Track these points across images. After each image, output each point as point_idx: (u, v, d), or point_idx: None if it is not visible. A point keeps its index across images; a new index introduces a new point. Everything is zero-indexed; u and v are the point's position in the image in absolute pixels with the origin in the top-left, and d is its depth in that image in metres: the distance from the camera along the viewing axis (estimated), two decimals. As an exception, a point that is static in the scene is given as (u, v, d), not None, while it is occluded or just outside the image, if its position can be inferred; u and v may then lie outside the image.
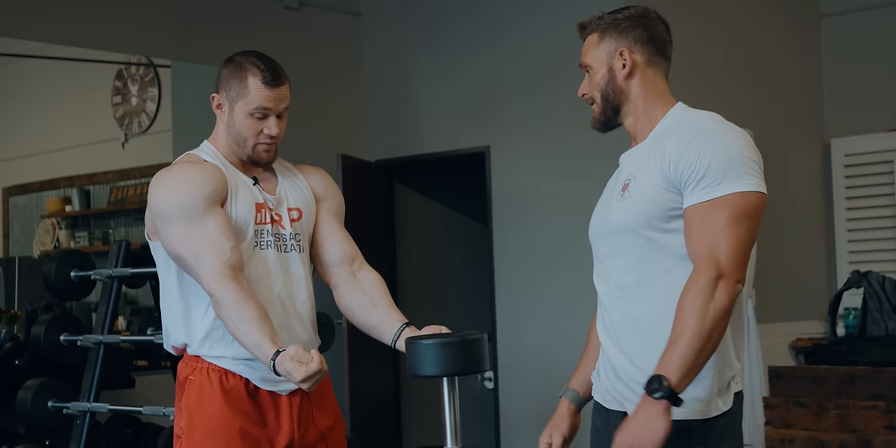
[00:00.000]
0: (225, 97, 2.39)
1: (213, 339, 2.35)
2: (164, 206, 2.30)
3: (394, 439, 5.78)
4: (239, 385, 2.34)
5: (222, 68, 2.41)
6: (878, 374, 4.15)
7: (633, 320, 2.10)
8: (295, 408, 2.39)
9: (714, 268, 1.95)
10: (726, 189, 1.99)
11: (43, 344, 3.97)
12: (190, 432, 2.33)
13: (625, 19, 2.18)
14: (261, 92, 2.35)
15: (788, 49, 5.70)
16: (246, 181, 2.41)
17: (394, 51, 5.84)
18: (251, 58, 2.38)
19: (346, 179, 5.39)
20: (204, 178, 2.31)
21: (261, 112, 2.36)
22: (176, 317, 2.40)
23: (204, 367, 2.35)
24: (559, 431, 2.32)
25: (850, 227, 5.68)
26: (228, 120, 2.39)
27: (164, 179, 2.34)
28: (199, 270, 2.26)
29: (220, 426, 2.30)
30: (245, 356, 2.32)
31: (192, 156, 2.43)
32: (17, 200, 8.29)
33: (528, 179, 5.26)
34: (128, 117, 7.42)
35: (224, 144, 2.42)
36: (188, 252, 2.27)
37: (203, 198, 2.29)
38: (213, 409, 2.32)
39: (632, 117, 2.19)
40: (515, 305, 5.27)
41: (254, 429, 2.33)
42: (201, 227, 2.26)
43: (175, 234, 2.28)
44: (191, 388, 2.35)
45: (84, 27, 4.93)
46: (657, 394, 1.90)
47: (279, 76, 2.38)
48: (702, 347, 1.92)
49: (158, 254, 2.41)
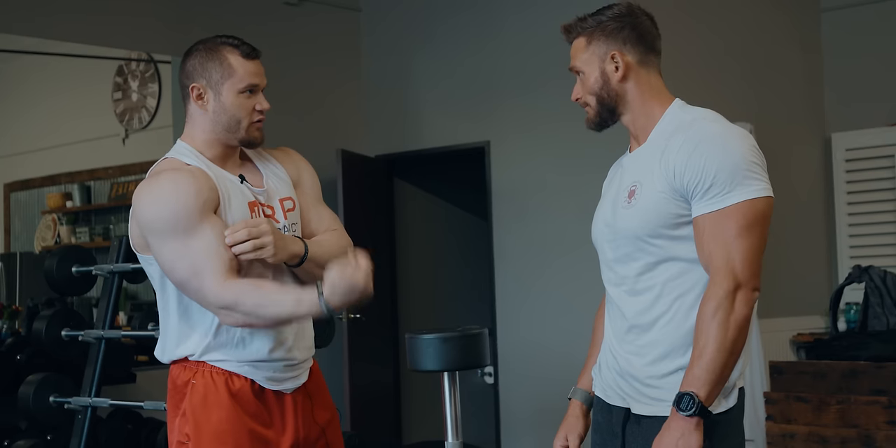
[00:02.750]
0: (206, 84, 2.29)
1: (215, 347, 2.29)
2: (155, 221, 2.19)
3: (394, 434, 5.79)
4: (245, 386, 2.30)
5: (190, 59, 2.31)
6: (879, 369, 4.15)
7: (643, 324, 2.11)
8: (299, 406, 2.37)
9: (731, 279, 1.97)
10: (735, 198, 1.99)
11: (44, 339, 3.97)
12: (197, 438, 2.27)
13: (610, 21, 2.14)
14: (245, 65, 2.29)
15: (789, 43, 5.69)
16: (234, 180, 2.31)
17: (393, 46, 5.84)
18: (220, 39, 2.32)
19: (346, 174, 5.39)
20: (195, 186, 2.19)
21: (249, 85, 2.29)
22: (177, 333, 2.32)
23: (206, 371, 2.29)
24: (575, 433, 2.32)
25: (851, 222, 5.68)
26: (215, 106, 2.29)
27: (152, 191, 2.21)
28: (202, 285, 2.17)
29: (228, 430, 2.26)
30: (249, 358, 2.29)
31: (172, 161, 2.29)
32: (18, 196, 8.29)
33: (528, 174, 5.26)
34: (128, 113, 7.42)
35: (203, 139, 2.31)
36: (187, 267, 2.17)
37: (198, 208, 2.17)
38: (220, 414, 2.26)
39: (629, 116, 2.18)
40: (515, 300, 5.28)
41: (263, 430, 2.30)
42: (199, 239, 2.16)
43: (171, 250, 2.18)
44: (194, 393, 2.29)
45: (84, 23, 4.93)
46: (690, 411, 1.94)
47: (254, 48, 2.33)
48: (727, 360, 1.96)
49: (151, 268, 2.31)
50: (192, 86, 2.31)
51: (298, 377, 2.38)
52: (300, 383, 2.38)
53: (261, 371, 2.31)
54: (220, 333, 2.28)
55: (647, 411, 2.09)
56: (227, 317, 2.21)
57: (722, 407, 2.03)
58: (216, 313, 2.22)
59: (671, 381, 2.05)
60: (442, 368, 2.06)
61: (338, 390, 5.30)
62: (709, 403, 1.95)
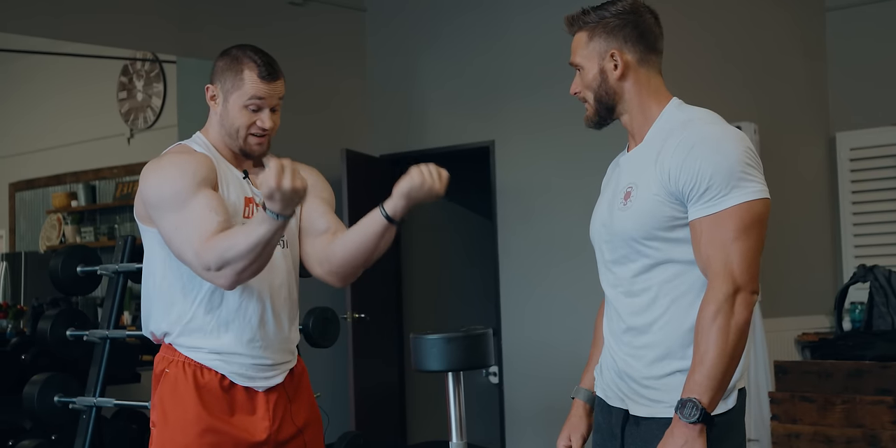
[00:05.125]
0: (220, 88, 2.39)
1: (193, 328, 2.35)
2: (156, 195, 2.29)
3: (399, 434, 5.79)
4: (213, 381, 2.34)
5: (218, 61, 2.42)
6: (884, 368, 4.15)
7: (640, 325, 2.10)
8: (272, 403, 2.39)
9: (730, 282, 1.96)
10: (732, 200, 1.98)
11: (49, 339, 3.97)
12: (162, 425, 2.34)
13: (612, 17, 2.13)
14: (256, 84, 2.35)
15: (793, 43, 5.69)
16: (236, 174, 2.41)
17: (398, 46, 5.84)
18: (248, 52, 2.39)
19: (351, 174, 5.39)
20: (195, 165, 2.31)
21: (255, 104, 2.36)
22: (158, 303, 2.39)
23: (180, 361, 2.35)
24: (578, 433, 2.32)
25: (856, 221, 5.67)
26: (222, 111, 2.39)
27: (155, 169, 2.33)
28: (192, 252, 2.21)
29: (191, 421, 2.31)
30: (220, 350, 2.33)
31: (182, 146, 2.42)
32: (24, 196, 8.31)
33: (533, 174, 5.26)
34: (133, 113, 7.43)
35: (216, 136, 2.42)
36: (182, 238, 2.23)
37: (195, 183, 2.27)
38: (185, 404, 2.32)
39: (627, 115, 2.17)
40: (520, 300, 5.28)
41: (225, 425, 2.33)
42: (190, 210, 2.25)
43: (170, 223, 2.26)
44: (165, 382, 2.35)
45: (90, 23, 4.94)
46: (693, 418, 1.93)
47: (275, 71, 2.39)
48: (728, 365, 1.95)
49: (147, 237, 2.40)
50: (208, 86, 2.42)
51: (271, 378, 2.40)
52: (274, 383, 2.40)
53: (229, 366, 2.35)
54: (197, 311, 2.33)
55: (645, 413, 2.09)
56: (220, 277, 2.22)
57: (720, 408, 2.02)
58: (213, 280, 2.24)
59: (669, 382, 2.05)
60: (446, 369, 2.06)
61: (342, 390, 5.30)
62: (711, 409, 1.95)
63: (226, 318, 2.34)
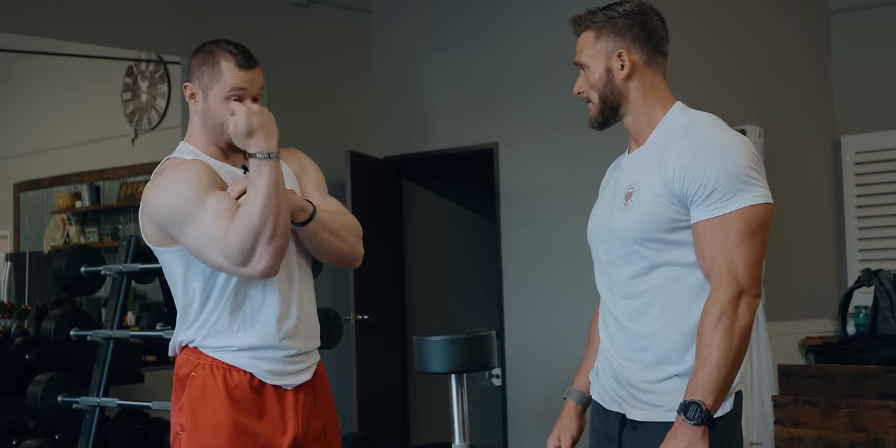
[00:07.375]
0: (198, 85, 2.36)
1: (219, 329, 2.33)
2: (168, 211, 2.26)
3: (401, 435, 5.79)
4: (244, 381, 2.32)
5: (193, 58, 2.39)
6: (888, 373, 4.14)
7: (637, 328, 2.10)
8: (300, 402, 2.38)
9: (734, 285, 1.96)
10: (735, 204, 1.98)
11: (53, 339, 3.98)
12: (192, 429, 2.31)
13: (621, 18, 2.13)
14: (234, 74, 2.33)
15: (798, 46, 5.68)
16: (237, 171, 2.38)
17: (402, 47, 5.84)
18: (221, 43, 2.37)
19: (355, 175, 5.39)
20: (195, 172, 2.28)
21: (236, 95, 2.33)
22: (182, 318, 2.37)
23: (207, 364, 2.33)
24: (568, 434, 2.31)
25: (861, 225, 5.66)
26: (203, 108, 2.36)
27: (157, 189, 2.30)
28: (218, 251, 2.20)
29: (222, 424, 2.29)
30: (249, 345, 2.31)
31: (173, 160, 2.38)
32: (28, 196, 8.32)
33: (537, 176, 5.26)
34: (137, 113, 7.44)
35: (201, 138, 2.38)
36: (207, 243, 2.22)
37: (202, 188, 2.25)
38: (216, 407, 2.30)
39: (630, 117, 2.17)
40: (523, 302, 5.27)
41: (257, 426, 2.32)
42: (205, 214, 2.22)
43: (191, 233, 2.24)
44: (193, 385, 2.32)
45: (94, 24, 4.95)
46: (697, 420, 1.93)
47: (252, 59, 2.37)
48: (731, 368, 1.95)
49: (165, 259, 2.37)
50: (186, 84, 2.39)
51: (300, 373, 2.39)
52: (302, 380, 2.39)
53: (260, 362, 2.33)
54: (221, 314, 2.32)
55: (643, 417, 2.08)
56: (258, 263, 2.21)
57: (718, 412, 2.02)
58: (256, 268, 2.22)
59: (666, 386, 2.05)
60: (449, 370, 2.06)
61: (345, 391, 5.30)
62: (714, 411, 1.95)
63: (251, 314, 2.33)
